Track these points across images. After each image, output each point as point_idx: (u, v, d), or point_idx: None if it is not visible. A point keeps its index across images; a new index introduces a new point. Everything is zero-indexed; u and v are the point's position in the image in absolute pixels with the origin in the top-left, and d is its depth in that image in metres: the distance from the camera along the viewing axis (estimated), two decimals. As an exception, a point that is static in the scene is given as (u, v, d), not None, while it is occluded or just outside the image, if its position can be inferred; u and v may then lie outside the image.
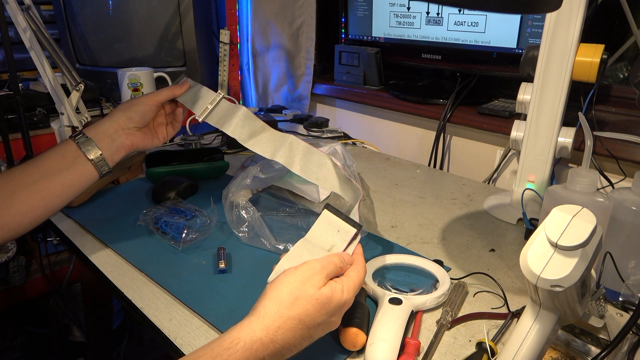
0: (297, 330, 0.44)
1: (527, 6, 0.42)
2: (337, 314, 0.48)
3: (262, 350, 0.42)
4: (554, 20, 0.72)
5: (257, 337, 0.42)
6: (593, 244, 0.38)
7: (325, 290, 0.46)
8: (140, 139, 0.71)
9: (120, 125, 0.68)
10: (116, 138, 0.67)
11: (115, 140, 0.67)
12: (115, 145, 0.67)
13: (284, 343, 0.43)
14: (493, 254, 0.72)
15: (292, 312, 0.44)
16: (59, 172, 0.63)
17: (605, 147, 0.87)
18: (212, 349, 0.41)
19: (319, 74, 1.46)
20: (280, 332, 0.43)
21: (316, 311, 0.45)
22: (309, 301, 0.45)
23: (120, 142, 0.68)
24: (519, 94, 0.79)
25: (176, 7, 1.19)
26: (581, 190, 0.59)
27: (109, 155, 0.66)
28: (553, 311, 0.41)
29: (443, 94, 1.14)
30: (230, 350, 0.41)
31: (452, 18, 1.06)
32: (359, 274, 0.50)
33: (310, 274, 0.46)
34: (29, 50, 0.86)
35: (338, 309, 0.47)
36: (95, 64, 1.24)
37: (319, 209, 0.83)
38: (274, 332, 0.43)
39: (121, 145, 0.68)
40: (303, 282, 0.46)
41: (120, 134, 0.68)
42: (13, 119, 0.93)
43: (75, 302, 1.47)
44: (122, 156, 0.69)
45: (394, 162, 1.12)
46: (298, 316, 0.44)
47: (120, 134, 0.68)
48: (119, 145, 0.68)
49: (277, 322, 0.43)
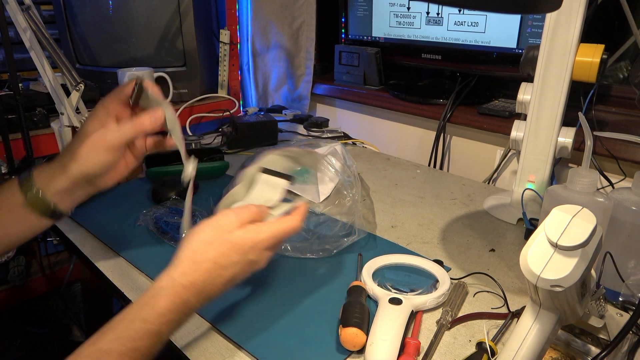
0: (214, 271, 0.47)
1: (527, 6, 0.42)
2: (256, 253, 0.50)
3: (185, 292, 0.45)
4: (554, 20, 0.72)
5: (177, 282, 0.45)
6: (593, 244, 0.38)
7: (238, 232, 0.49)
8: (103, 184, 0.58)
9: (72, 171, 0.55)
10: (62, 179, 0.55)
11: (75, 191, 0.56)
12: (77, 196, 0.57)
13: (204, 284, 0.46)
14: (493, 254, 0.72)
15: (206, 256, 0.47)
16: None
17: (605, 147, 0.87)
18: (139, 301, 0.45)
19: (319, 74, 1.46)
20: (197, 274, 0.46)
21: (230, 251, 0.48)
22: (222, 244, 0.48)
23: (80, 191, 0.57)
24: (519, 94, 0.79)
25: (176, 7, 1.18)
26: (581, 190, 0.59)
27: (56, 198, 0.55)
28: (553, 311, 0.41)
29: (443, 94, 1.14)
30: (156, 297, 0.44)
31: (452, 18, 1.06)
32: (286, 222, 0.52)
33: (223, 221, 0.49)
34: (29, 50, 0.86)
35: (253, 247, 0.49)
36: (95, 64, 1.24)
37: (319, 209, 0.83)
38: (191, 275, 0.46)
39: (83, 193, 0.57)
40: (214, 228, 0.49)
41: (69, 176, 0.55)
42: (13, 119, 0.93)
43: (75, 302, 1.47)
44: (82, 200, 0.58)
45: (394, 162, 1.12)
46: (213, 259, 0.47)
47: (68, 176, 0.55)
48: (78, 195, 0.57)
49: (192, 267, 0.47)
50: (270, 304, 0.60)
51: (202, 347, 0.53)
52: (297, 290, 0.63)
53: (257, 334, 0.55)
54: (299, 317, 0.58)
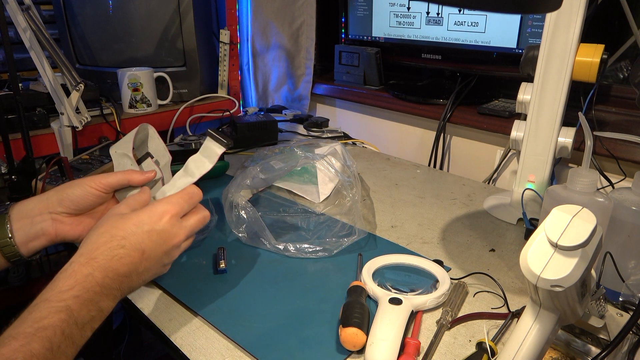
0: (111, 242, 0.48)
1: (527, 6, 0.42)
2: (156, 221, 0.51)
3: (84, 268, 0.45)
4: (554, 20, 0.72)
5: (75, 261, 0.46)
6: (593, 244, 0.38)
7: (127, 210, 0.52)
8: (68, 228, 0.57)
9: (48, 208, 0.56)
10: (37, 222, 0.55)
11: (35, 225, 0.55)
12: (33, 231, 0.55)
13: (105, 258, 0.46)
14: (493, 254, 0.72)
15: (99, 232, 0.49)
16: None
17: (605, 147, 0.87)
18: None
19: (319, 74, 1.46)
20: (94, 249, 0.47)
21: (122, 223, 0.49)
22: (113, 219, 0.50)
23: (41, 228, 0.55)
24: (519, 94, 0.79)
25: (176, 7, 1.18)
26: (581, 190, 0.59)
27: (21, 241, 0.54)
28: (553, 311, 0.41)
29: (443, 94, 1.14)
30: (55, 280, 0.45)
31: (452, 18, 1.06)
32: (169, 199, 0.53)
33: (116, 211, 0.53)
34: (29, 50, 0.86)
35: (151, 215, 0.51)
36: (95, 64, 1.24)
37: (319, 209, 0.83)
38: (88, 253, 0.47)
39: (41, 231, 0.55)
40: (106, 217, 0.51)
41: (44, 217, 0.55)
42: (13, 119, 0.93)
43: (75, 302, 1.47)
44: (41, 245, 0.56)
45: (394, 162, 1.12)
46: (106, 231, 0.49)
47: (44, 218, 0.55)
48: (38, 231, 0.55)
49: (87, 246, 0.47)
50: (270, 304, 0.60)
51: (202, 347, 0.53)
52: (297, 290, 0.63)
53: (257, 334, 0.55)
54: (299, 317, 0.58)
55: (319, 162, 0.86)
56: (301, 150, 0.87)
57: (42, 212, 0.55)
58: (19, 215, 0.55)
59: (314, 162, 0.87)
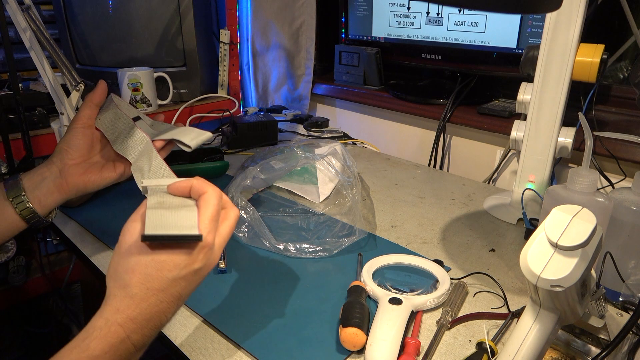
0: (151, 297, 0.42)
1: (527, 6, 0.42)
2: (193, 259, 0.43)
3: (122, 331, 0.40)
4: (554, 20, 0.72)
5: (112, 322, 0.41)
6: (593, 244, 0.38)
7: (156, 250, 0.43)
8: (77, 177, 0.60)
9: (53, 163, 0.60)
10: (47, 176, 0.59)
11: (45, 179, 0.59)
12: (44, 185, 0.59)
13: (144, 316, 0.42)
14: (493, 254, 0.72)
15: (135, 283, 0.42)
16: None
17: (605, 147, 0.87)
18: (70, 343, 0.40)
19: (319, 74, 1.46)
20: (133, 307, 0.41)
21: (157, 271, 0.42)
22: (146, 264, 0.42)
23: (52, 181, 0.59)
24: (519, 94, 0.79)
25: (176, 7, 1.18)
26: (581, 190, 0.59)
27: (35, 198, 0.58)
28: (553, 311, 0.41)
29: (443, 94, 1.14)
30: (88, 340, 0.39)
31: (452, 18, 1.06)
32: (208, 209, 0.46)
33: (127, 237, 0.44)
34: (29, 50, 0.86)
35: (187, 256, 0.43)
36: (95, 64, 1.24)
37: (319, 209, 0.83)
38: (125, 311, 0.41)
39: (52, 184, 0.59)
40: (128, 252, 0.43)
41: (53, 171, 0.60)
42: (13, 119, 0.93)
43: (75, 302, 1.47)
44: (54, 201, 0.60)
45: (394, 162, 1.12)
46: (142, 284, 0.42)
47: (52, 171, 0.60)
48: (49, 185, 0.59)
49: (124, 302, 0.42)
50: (271, 304, 0.60)
51: (202, 347, 0.53)
52: (297, 290, 0.63)
53: (257, 334, 0.55)
54: (299, 317, 0.58)
55: (319, 162, 0.86)
56: (301, 150, 0.87)
57: (49, 167, 0.60)
58: (29, 175, 0.59)
59: (314, 162, 0.87)
